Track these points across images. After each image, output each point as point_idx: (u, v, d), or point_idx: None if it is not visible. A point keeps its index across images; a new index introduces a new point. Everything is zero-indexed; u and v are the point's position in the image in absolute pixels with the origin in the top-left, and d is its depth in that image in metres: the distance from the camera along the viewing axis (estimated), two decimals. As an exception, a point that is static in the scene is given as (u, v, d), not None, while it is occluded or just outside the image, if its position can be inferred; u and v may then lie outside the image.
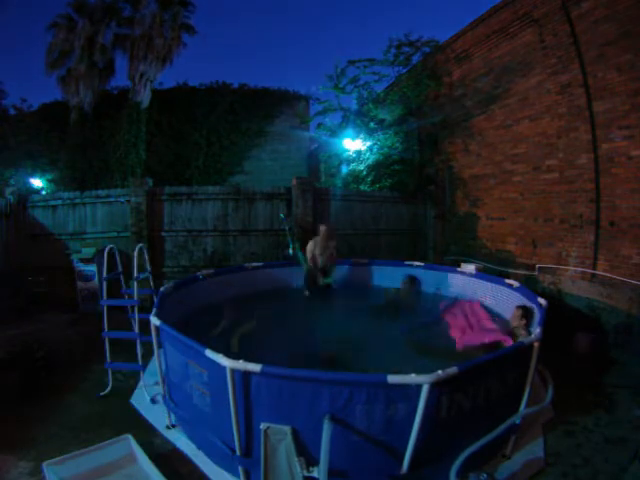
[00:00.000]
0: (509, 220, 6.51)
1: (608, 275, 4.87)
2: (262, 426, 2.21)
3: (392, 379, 2.06)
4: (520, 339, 3.06)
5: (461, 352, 3.61)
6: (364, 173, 8.49)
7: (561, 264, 5.48)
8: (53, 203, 7.01)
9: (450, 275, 5.47)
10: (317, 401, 2.16)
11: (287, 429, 2.19)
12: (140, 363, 3.70)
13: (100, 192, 7.00)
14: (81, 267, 6.34)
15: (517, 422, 2.63)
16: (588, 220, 5.13)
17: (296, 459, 2.18)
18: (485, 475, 2.24)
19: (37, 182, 9.46)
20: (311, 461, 2.19)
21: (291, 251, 6.16)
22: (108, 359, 3.73)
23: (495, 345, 3.42)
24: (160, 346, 3.07)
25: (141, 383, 3.71)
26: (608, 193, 4.95)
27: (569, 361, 4.19)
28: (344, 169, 8.75)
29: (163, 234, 6.85)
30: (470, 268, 5.30)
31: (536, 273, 5.74)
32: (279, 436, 2.20)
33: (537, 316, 3.24)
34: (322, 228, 5.43)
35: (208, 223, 6.94)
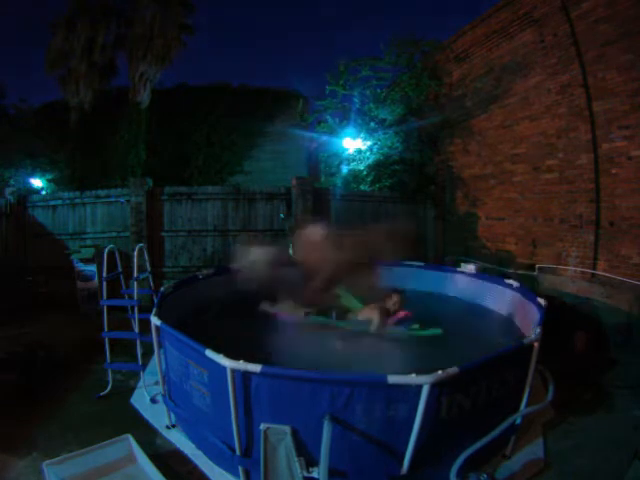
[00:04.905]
0: (509, 220, 6.50)
1: (608, 275, 4.87)
2: (262, 426, 2.21)
3: (392, 379, 2.06)
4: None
5: None
6: (364, 173, 8.49)
7: (561, 264, 5.48)
8: (53, 203, 7.02)
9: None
10: (317, 401, 2.16)
11: (287, 429, 2.19)
12: (140, 363, 3.70)
13: (100, 192, 7.00)
14: (81, 267, 6.34)
15: (517, 422, 2.63)
16: (588, 220, 5.13)
17: (296, 459, 2.18)
18: (485, 475, 2.25)
19: (37, 182, 9.45)
20: (311, 461, 2.19)
21: (291, 251, 6.16)
22: (108, 359, 3.73)
23: None
24: (160, 346, 3.07)
25: (141, 383, 3.71)
26: (608, 193, 4.95)
27: (569, 361, 4.19)
28: (344, 169, 8.74)
29: (163, 234, 6.85)
30: (470, 268, 5.30)
31: (536, 273, 5.74)
32: (279, 436, 2.20)
33: (537, 316, 3.24)
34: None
35: (208, 223, 6.94)
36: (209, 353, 2.32)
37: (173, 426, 3.06)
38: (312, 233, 3.75)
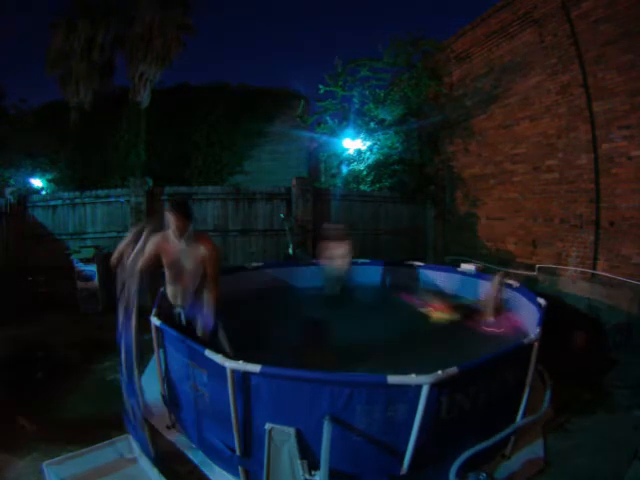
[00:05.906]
0: (509, 220, 6.51)
1: (608, 275, 4.87)
2: (267, 426, 2.21)
3: (392, 380, 2.06)
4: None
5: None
6: (364, 173, 8.50)
7: (561, 264, 5.48)
8: (53, 203, 7.01)
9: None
10: (317, 401, 2.15)
11: (291, 431, 2.18)
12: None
13: (100, 192, 6.99)
14: (81, 267, 6.33)
15: (517, 422, 2.63)
16: (588, 220, 5.13)
17: (299, 461, 2.17)
18: (485, 475, 2.24)
19: (37, 182, 9.45)
20: (312, 463, 2.18)
21: (291, 251, 6.17)
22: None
23: None
24: (160, 346, 3.07)
25: (141, 383, 3.70)
26: (608, 193, 4.95)
27: (569, 361, 4.19)
28: (344, 169, 8.75)
29: (163, 234, 6.83)
30: (470, 268, 5.30)
31: (536, 273, 5.74)
32: (283, 437, 2.20)
33: (537, 316, 3.24)
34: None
35: (208, 223, 6.94)
36: (208, 353, 2.32)
37: (173, 426, 3.06)
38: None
